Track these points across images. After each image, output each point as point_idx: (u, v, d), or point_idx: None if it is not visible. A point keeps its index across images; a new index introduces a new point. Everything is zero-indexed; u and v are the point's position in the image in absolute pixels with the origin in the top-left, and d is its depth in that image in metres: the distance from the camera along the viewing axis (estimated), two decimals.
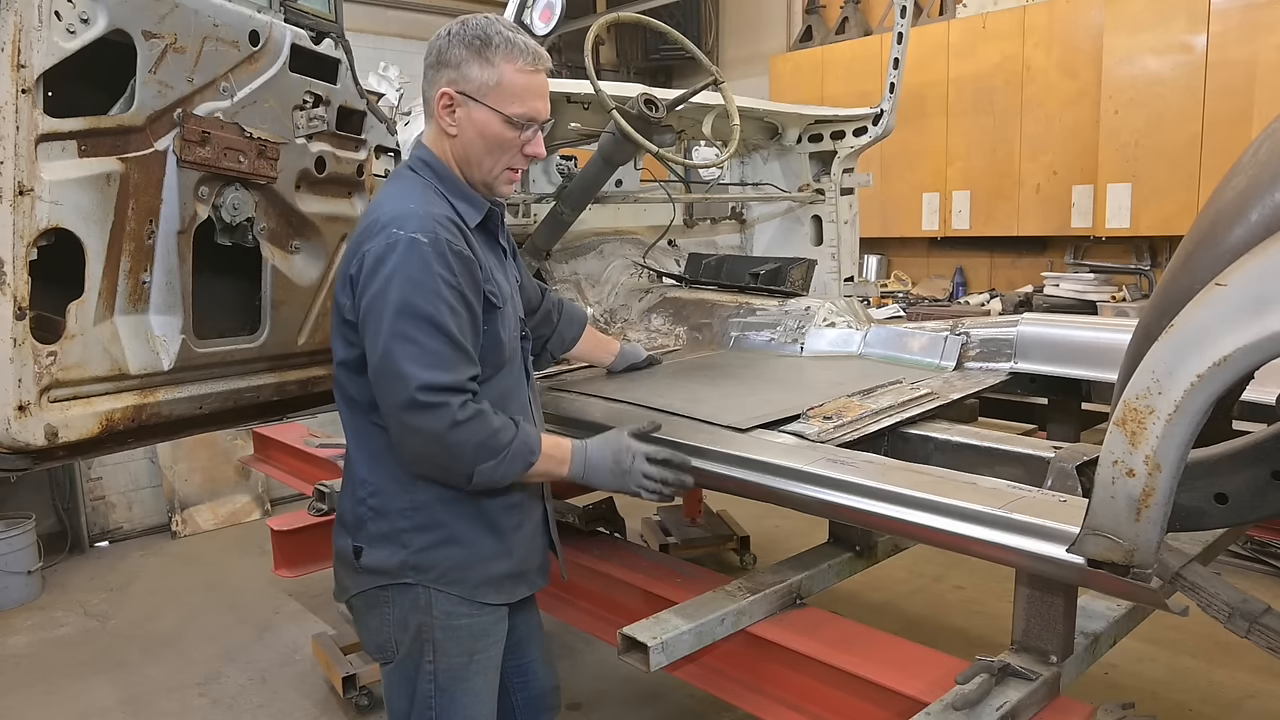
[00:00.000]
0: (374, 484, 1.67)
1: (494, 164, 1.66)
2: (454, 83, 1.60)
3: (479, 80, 1.59)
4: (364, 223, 1.63)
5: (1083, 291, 5.40)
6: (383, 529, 1.67)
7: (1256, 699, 3.16)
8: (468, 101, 1.60)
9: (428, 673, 1.70)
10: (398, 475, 1.65)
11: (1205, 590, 1.43)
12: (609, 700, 3.30)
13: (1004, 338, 2.48)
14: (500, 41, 1.59)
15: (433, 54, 1.63)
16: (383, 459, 1.66)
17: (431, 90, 1.63)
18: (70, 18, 1.56)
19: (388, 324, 1.50)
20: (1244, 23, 4.58)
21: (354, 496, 1.71)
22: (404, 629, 1.69)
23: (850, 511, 1.72)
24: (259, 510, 5.44)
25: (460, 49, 1.59)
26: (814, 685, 1.81)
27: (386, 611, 1.69)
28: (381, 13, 7.32)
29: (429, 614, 1.67)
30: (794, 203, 3.78)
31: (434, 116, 1.65)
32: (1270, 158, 1.21)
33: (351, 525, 1.72)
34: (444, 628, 1.69)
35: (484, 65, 1.59)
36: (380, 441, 1.65)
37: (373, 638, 1.75)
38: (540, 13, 2.26)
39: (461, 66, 1.59)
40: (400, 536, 1.66)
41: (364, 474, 1.69)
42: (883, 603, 3.94)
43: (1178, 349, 1.16)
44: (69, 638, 3.99)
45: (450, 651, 1.70)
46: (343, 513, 1.76)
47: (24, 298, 1.58)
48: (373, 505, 1.67)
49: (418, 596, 1.68)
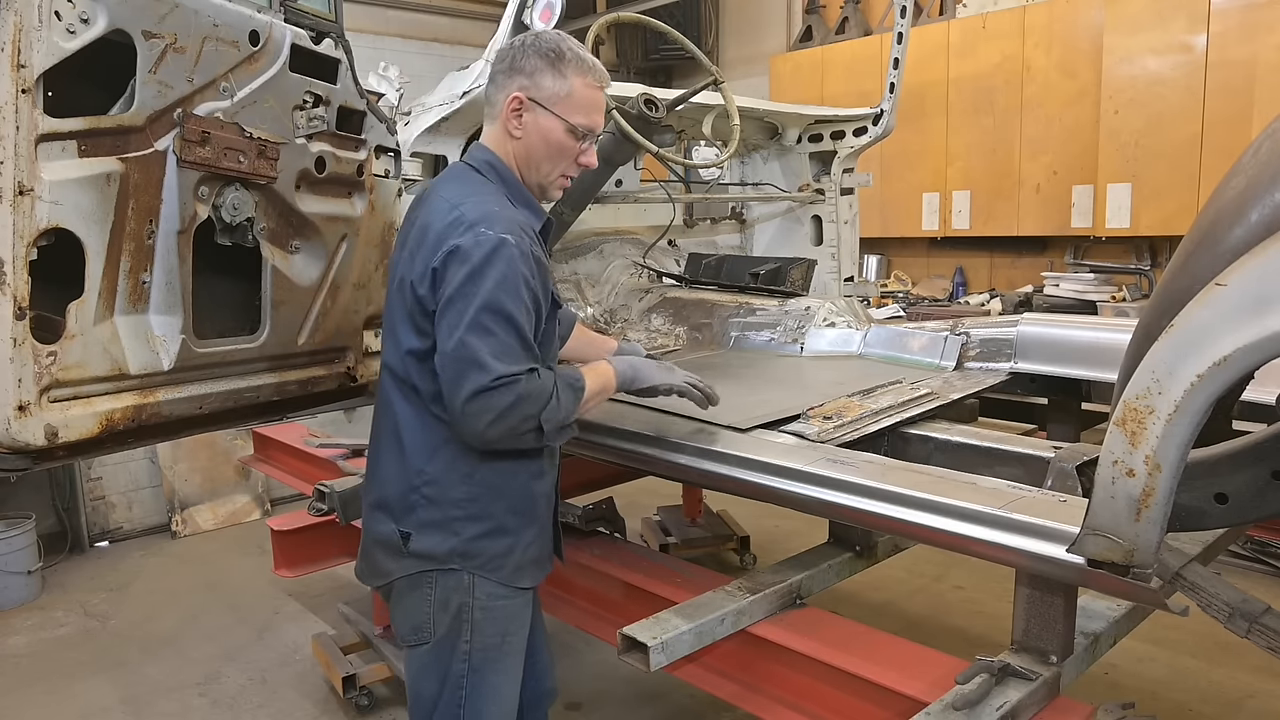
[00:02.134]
0: (431, 474, 1.70)
1: (551, 169, 1.76)
2: (525, 89, 1.69)
3: (550, 90, 1.69)
4: (444, 218, 1.64)
5: (1083, 291, 5.40)
6: (435, 517, 1.70)
7: (1256, 699, 3.16)
8: (536, 108, 1.70)
9: (463, 653, 1.74)
10: (457, 467, 1.70)
11: (1205, 590, 1.43)
12: (609, 700, 3.30)
13: (1004, 338, 2.49)
14: (573, 57, 1.70)
15: (505, 61, 1.71)
16: (442, 450, 1.69)
17: (500, 94, 1.72)
18: (70, 18, 1.56)
19: (471, 317, 1.56)
20: (1244, 23, 4.58)
21: (405, 484, 1.72)
22: (445, 610, 1.73)
23: (850, 511, 1.72)
24: (259, 510, 5.43)
25: (535, 59, 1.69)
26: (814, 685, 1.81)
27: (429, 592, 1.73)
28: (381, 13, 7.32)
29: (470, 595, 1.72)
30: (794, 203, 3.78)
31: (499, 119, 1.73)
32: (1270, 158, 1.21)
33: (399, 511, 1.73)
34: (483, 608, 1.73)
35: (557, 76, 1.69)
36: (441, 434, 1.69)
37: (409, 619, 1.77)
38: (540, 13, 2.26)
39: (535, 75, 1.69)
40: (453, 525, 1.70)
41: (420, 464, 1.71)
42: (883, 603, 3.94)
43: (1178, 349, 1.16)
44: (69, 638, 3.99)
45: (487, 632, 1.74)
46: (384, 499, 1.76)
47: (24, 298, 1.58)
48: (427, 494, 1.70)
49: (461, 578, 1.72)
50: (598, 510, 2.76)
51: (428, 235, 1.65)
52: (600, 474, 3.19)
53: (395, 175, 2.42)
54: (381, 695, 3.35)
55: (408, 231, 1.75)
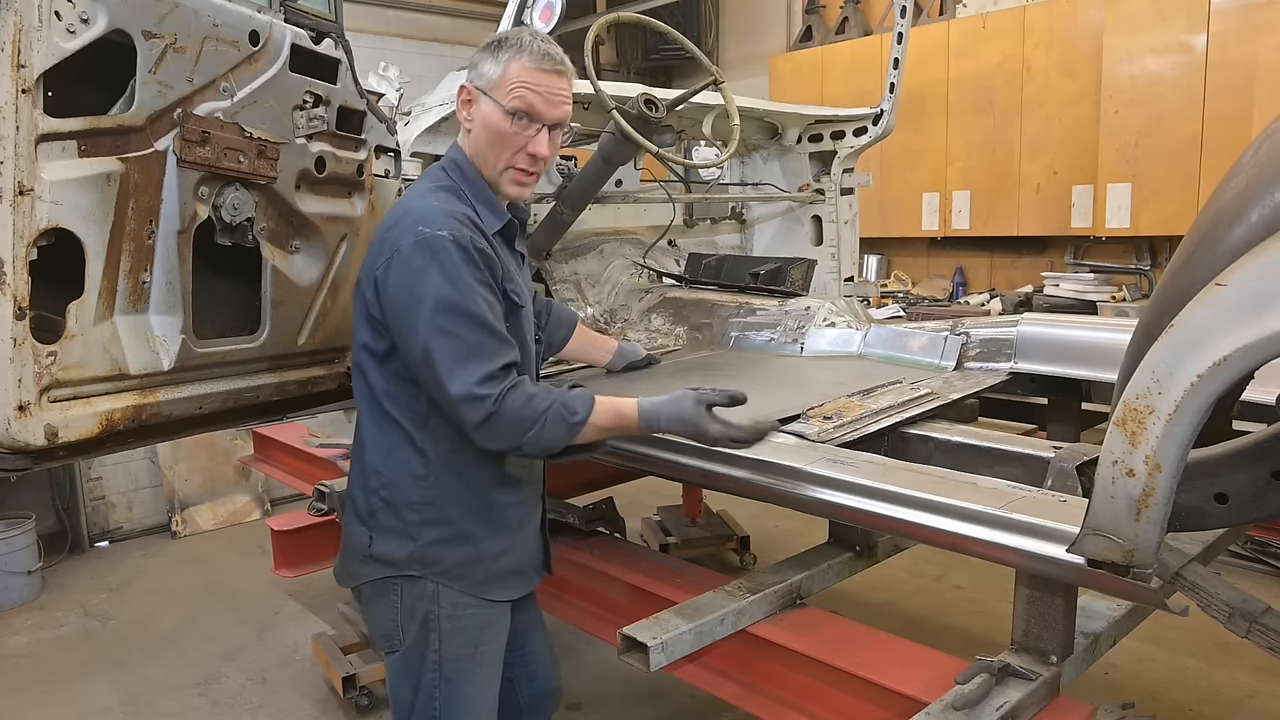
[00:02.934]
0: (386, 475, 1.69)
1: (497, 159, 1.71)
2: (471, 80, 1.71)
3: (488, 75, 1.68)
4: (389, 219, 1.66)
5: (1083, 291, 5.40)
6: (392, 521, 1.69)
7: (1256, 699, 3.16)
8: (479, 96, 1.70)
9: (433, 662, 1.71)
10: (411, 469, 1.68)
11: (1205, 590, 1.43)
12: (609, 700, 3.30)
13: (1004, 338, 2.48)
14: (513, 42, 1.68)
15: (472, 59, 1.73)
16: (397, 451, 1.68)
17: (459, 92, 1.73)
18: (70, 18, 1.56)
19: (426, 319, 1.54)
20: (1244, 23, 4.58)
21: (366, 486, 1.72)
22: (411, 618, 1.71)
23: (850, 511, 1.72)
24: (259, 510, 5.43)
25: (482, 52, 1.71)
26: (814, 685, 1.81)
27: (394, 600, 1.71)
28: (381, 13, 7.32)
29: (435, 604, 1.70)
30: (794, 203, 3.78)
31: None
32: (1270, 158, 1.21)
33: (364, 514, 1.73)
34: (450, 618, 1.71)
35: (494, 61, 1.68)
36: (395, 434, 1.67)
37: (379, 625, 1.77)
38: (540, 13, 2.26)
39: (478, 65, 1.70)
40: (409, 530, 1.68)
41: (377, 464, 1.70)
42: (883, 603, 3.94)
43: (1178, 349, 1.15)
44: (69, 638, 3.99)
45: (456, 642, 1.72)
46: (354, 500, 1.77)
47: (24, 298, 1.58)
48: (384, 497, 1.69)
49: (425, 587, 1.70)
50: (598, 510, 2.76)
51: (379, 235, 1.67)
52: (600, 474, 3.19)
53: (395, 175, 2.42)
54: (381, 695, 3.35)
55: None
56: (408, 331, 1.57)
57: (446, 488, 1.68)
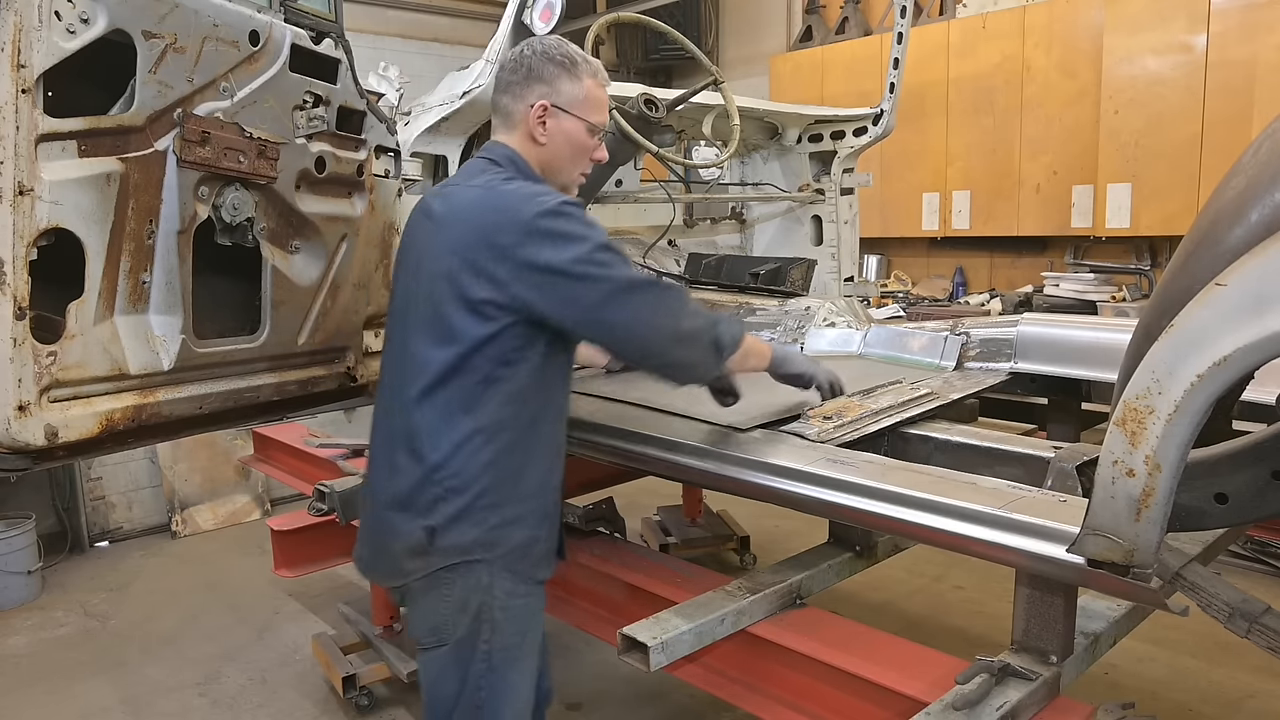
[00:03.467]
0: (453, 465, 1.70)
1: (574, 169, 1.85)
2: (547, 95, 1.76)
3: (570, 94, 1.78)
4: (491, 201, 1.68)
5: (1083, 291, 5.40)
6: (459, 508, 1.70)
7: (1256, 699, 3.16)
8: (559, 113, 1.77)
9: (483, 653, 1.74)
10: (480, 457, 1.70)
11: (1205, 590, 1.43)
12: (609, 700, 3.30)
13: (1004, 338, 2.48)
14: (582, 60, 1.80)
15: (520, 70, 1.78)
16: (466, 442, 1.69)
17: (520, 102, 1.78)
18: (70, 18, 1.56)
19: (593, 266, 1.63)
20: (1244, 23, 4.58)
21: (427, 479, 1.71)
22: (464, 610, 1.72)
23: (850, 511, 1.72)
24: (259, 510, 5.43)
25: (552, 66, 1.76)
26: (814, 685, 1.81)
27: (447, 593, 1.72)
28: (381, 13, 7.32)
29: (490, 594, 1.72)
30: (794, 203, 3.78)
31: (521, 125, 1.79)
32: (1270, 158, 1.21)
33: (421, 508, 1.72)
34: (503, 608, 1.74)
35: (574, 80, 1.78)
36: (465, 425, 1.69)
37: (426, 620, 1.76)
38: (540, 13, 2.26)
39: (554, 82, 1.76)
40: (474, 515, 1.71)
41: (440, 456, 1.70)
42: (883, 603, 3.94)
43: (1178, 349, 1.16)
44: (69, 638, 3.99)
45: (507, 632, 1.75)
46: (402, 497, 1.75)
47: (24, 298, 1.58)
48: (450, 486, 1.70)
49: (480, 577, 1.72)
50: (598, 510, 2.76)
51: (480, 220, 1.66)
52: (600, 474, 3.19)
53: (395, 175, 2.42)
54: (381, 695, 3.35)
55: (429, 228, 1.74)
56: (572, 286, 1.63)
57: (509, 474, 1.72)
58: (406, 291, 1.78)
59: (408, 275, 1.78)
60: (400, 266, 1.84)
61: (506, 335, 1.65)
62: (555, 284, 1.62)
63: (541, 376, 1.72)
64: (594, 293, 1.64)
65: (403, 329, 1.76)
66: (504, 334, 1.65)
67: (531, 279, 1.61)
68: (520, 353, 1.67)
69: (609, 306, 1.65)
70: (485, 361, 1.67)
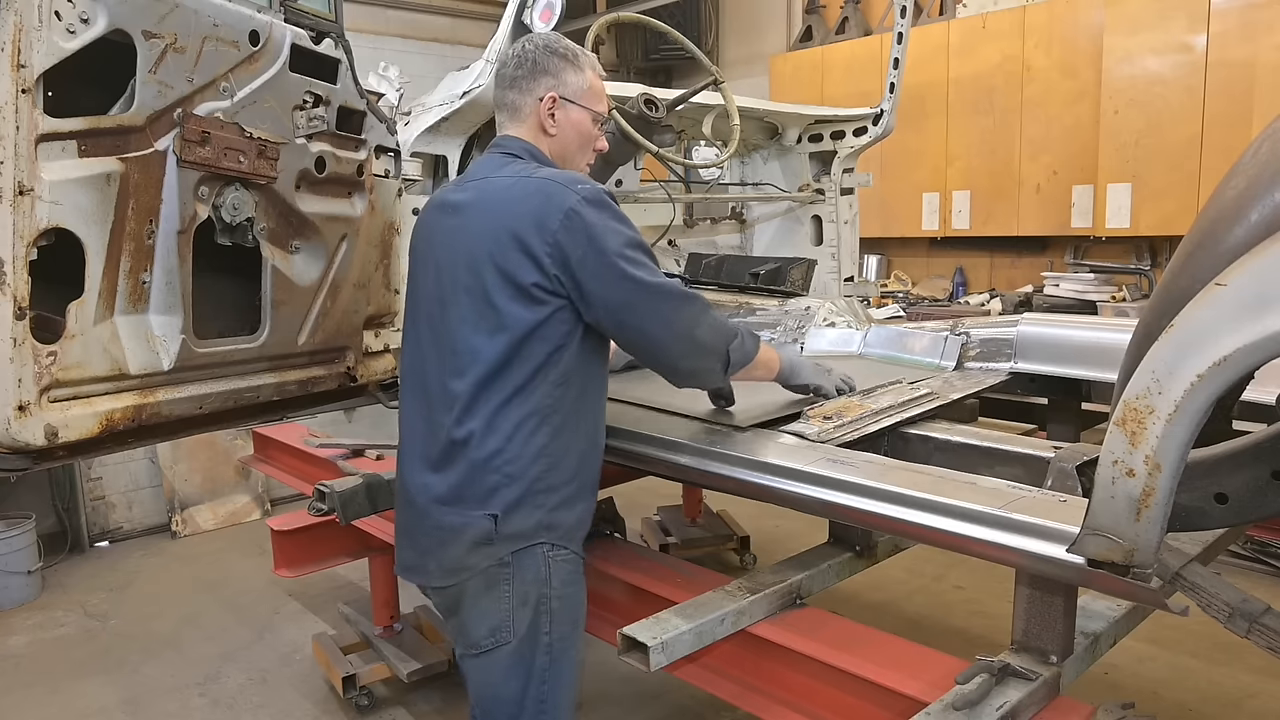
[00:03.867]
0: (509, 452, 1.72)
1: (581, 159, 1.91)
2: (554, 88, 1.81)
3: (575, 84, 1.83)
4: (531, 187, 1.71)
5: (1083, 291, 5.40)
6: (518, 494, 1.72)
7: (1256, 699, 3.16)
8: (566, 104, 1.82)
9: (545, 646, 1.77)
10: (536, 441, 1.72)
11: (1205, 590, 1.43)
12: (609, 700, 3.30)
13: (1004, 338, 2.48)
14: (583, 52, 1.87)
15: (524, 65, 1.81)
16: (521, 427, 1.71)
17: (528, 96, 1.82)
18: (70, 18, 1.56)
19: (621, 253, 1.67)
20: (1244, 23, 4.58)
21: (481, 469, 1.72)
22: (524, 604, 1.74)
23: (850, 511, 1.72)
24: (259, 510, 5.43)
25: (555, 59, 1.81)
26: (814, 685, 1.81)
27: (505, 590, 1.73)
28: (381, 13, 7.32)
29: (548, 585, 1.75)
30: (794, 203, 3.78)
31: (531, 117, 1.83)
32: (1270, 158, 1.21)
33: (479, 498, 1.72)
34: (559, 597, 1.77)
35: (578, 71, 1.83)
36: (519, 410, 1.71)
37: (485, 621, 1.75)
38: (540, 13, 2.26)
39: (560, 74, 1.81)
40: (534, 499, 1.73)
41: (496, 445, 1.71)
42: (883, 603, 3.94)
43: (1178, 349, 1.15)
44: (69, 638, 3.99)
45: (563, 620, 1.78)
46: (453, 491, 1.74)
47: (24, 298, 1.58)
48: (508, 473, 1.71)
49: (538, 568, 1.74)
50: (598, 510, 2.75)
51: (523, 206, 1.69)
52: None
53: (395, 175, 2.42)
54: (381, 695, 3.35)
55: (455, 223, 1.77)
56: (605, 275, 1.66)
57: (562, 454, 1.76)
58: (435, 288, 1.79)
59: (433, 272, 1.80)
60: (420, 266, 1.86)
61: (556, 319, 1.69)
62: (589, 267, 1.66)
63: (585, 355, 1.76)
64: (620, 289, 1.68)
65: (437, 325, 1.77)
66: (554, 318, 1.69)
67: (571, 262, 1.65)
68: (568, 335, 1.71)
69: (631, 307, 1.70)
70: (538, 345, 1.69)
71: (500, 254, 1.67)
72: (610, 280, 1.67)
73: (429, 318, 1.80)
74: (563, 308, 1.69)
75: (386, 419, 3.38)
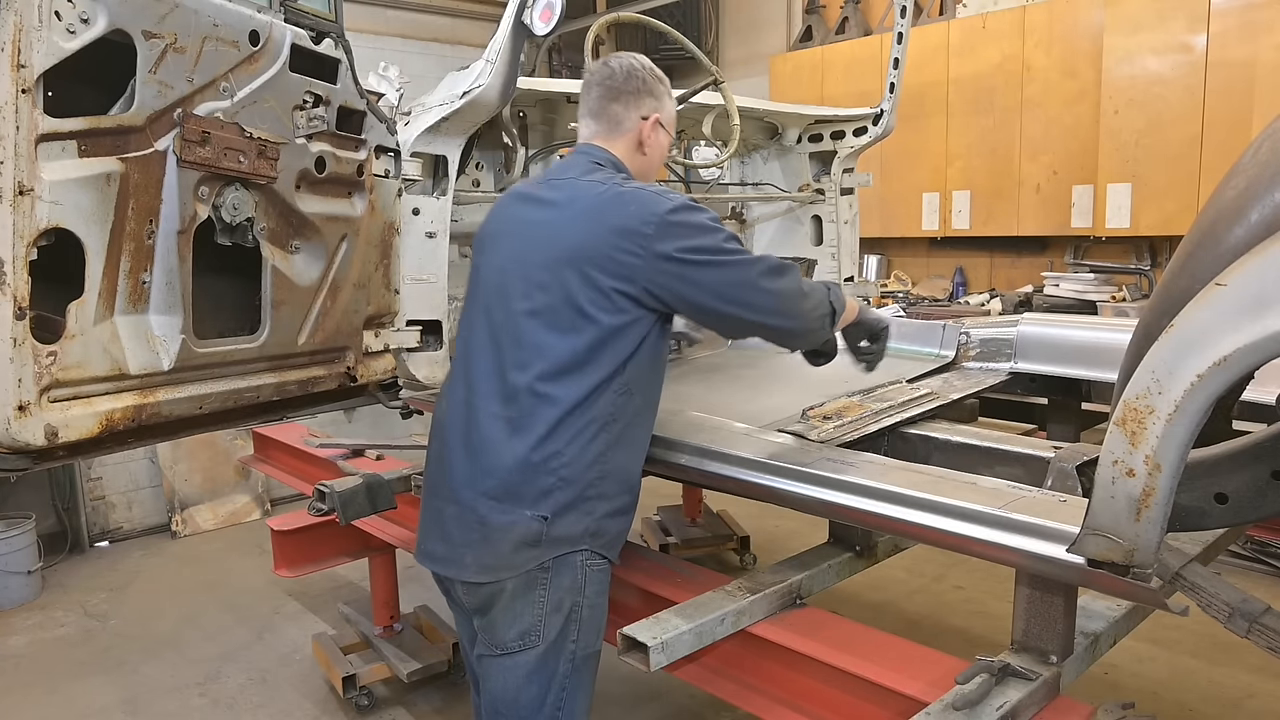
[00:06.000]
0: (568, 455, 1.73)
1: (654, 178, 2.04)
2: (656, 110, 1.92)
3: (669, 112, 1.97)
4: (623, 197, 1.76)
5: (1083, 291, 5.39)
6: (570, 497, 1.74)
7: (1256, 699, 3.16)
8: (659, 128, 1.93)
9: (569, 653, 1.79)
10: (594, 447, 1.74)
11: (1205, 590, 1.43)
12: (609, 700, 3.30)
13: (1004, 338, 2.49)
14: (665, 79, 1.97)
15: (635, 80, 1.90)
16: (583, 433, 1.73)
17: (633, 111, 1.90)
18: (70, 18, 1.56)
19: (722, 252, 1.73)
20: (1244, 23, 4.58)
21: (538, 468, 1.72)
22: (557, 610, 1.76)
23: (850, 511, 1.72)
24: (259, 510, 5.44)
25: (660, 83, 1.93)
26: (814, 685, 1.81)
27: (542, 594, 1.75)
28: (381, 13, 7.32)
29: (582, 594, 1.78)
30: (794, 203, 3.78)
31: (631, 134, 1.91)
32: (1270, 158, 1.21)
33: (531, 498, 1.73)
34: (590, 607, 1.80)
35: (671, 100, 1.98)
36: (581, 417, 1.73)
37: (518, 622, 1.76)
38: (540, 13, 2.26)
39: (662, 99, 1.94)
40: (584, 505, 1.75)
41: (557, 446, 1.72)
42: (883, 603, 3.94)
43: (1178, 349, 1.15)
44: (69, 638, 3.99)
45: (589, 629, 1.81)
46: (504, 487, 1.74)
47: (24, 298, 1.58)
48: (564, 475, 1.73)
49: (575, 575, 1.76)
50: None
51: (615, 215, 1.73)
52: None
53: (395, 175, 2.42)
54: (381, 695, 3.35)
55: (542, 216, 1.81)
56: (717, 269, 1.71)
57: (617, 465, 1.78)
58: (498, 277, 1.82)
59: (501, 260, 1.84)
60: (486, 253, 1.90)
61: (632, 328, 1.73)
62: (696, 269, 1.70)
63: (649, 368, 1.80)
64: (737, 272, 1.73)
65: (496, 314, 1.80)
66: (630, 327, 1.73)
67: (670, 268, 1.69)
68: (639, 346, 1.75)
69: (750, 285, 1.75)
70: (609, 353, 1.72)
71: (590, 256, 1.71)
72: (722, 271, 1.72)
73: (487, 309, 1.83)
74: (640, 319, 1.73)
75: (387, 419, 3.39)
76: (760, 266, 1.77)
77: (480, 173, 2.98)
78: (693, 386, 2.31)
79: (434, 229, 2.52)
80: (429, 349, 2.59)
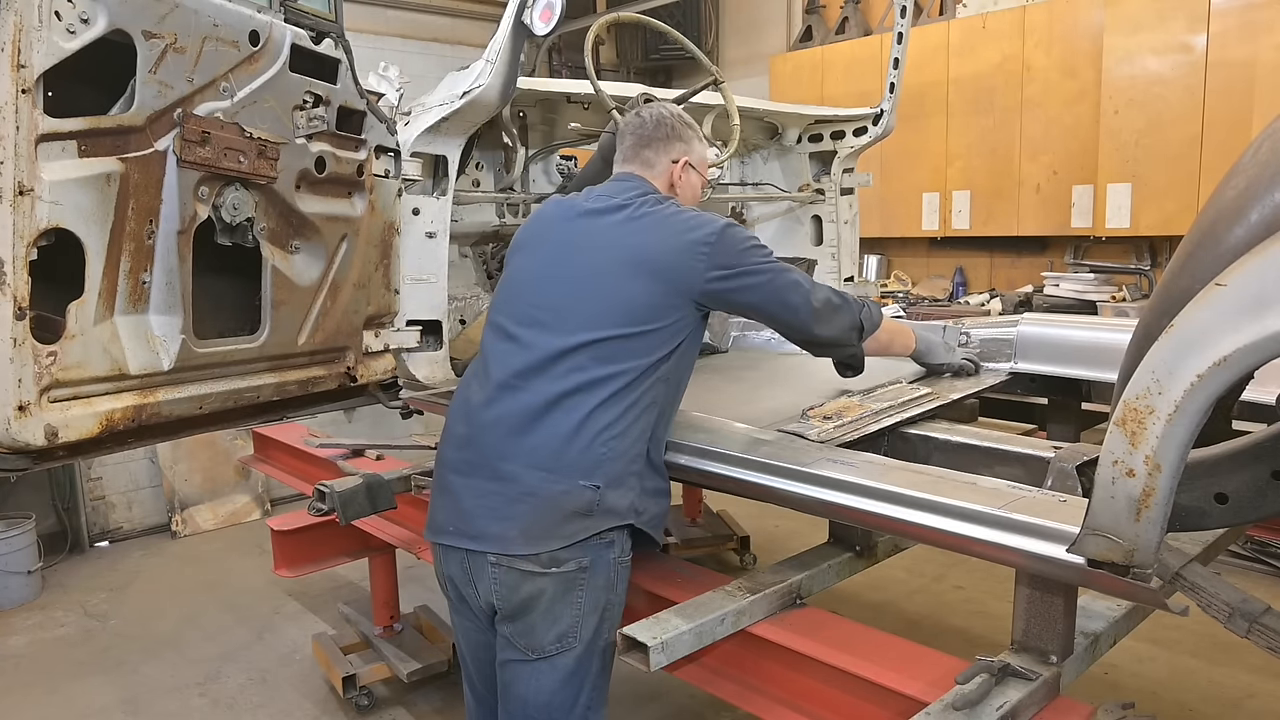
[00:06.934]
0: (617, 430, 1.81)
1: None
2: (685, 153, 2.06)
3: (699, 154, 2.11)
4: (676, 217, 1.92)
5: (1083, 291, 5.39)
6: (619, 471, 1.82)
7: (1256, 699, 3.16)
8: (689, 169, 2.08)
9: (599, 650, 1.86)
10: (633, 427, 1.84)
11: (1205, 590, 1.43)
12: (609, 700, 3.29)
13: (1004, 338, 2.49)
14: (695, 125, 2.11)
15: (664, 127, 2.05)
16: (628, 413, 1.83)
17: (663, 155, 2.05)
18: (70, 18, 1.56)
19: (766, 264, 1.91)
20: (1244, 23, 4.58)
21: (594, 438, 1.79)
22: (594, 610, 1.82)
23: (850, 511, 1.72)
24: (259, 510, 5.44)
25: (688, 129, 2.08)
26: (814, 685, 1.81)
27: (580, 595, 1.80)
28: (381, 13, 7.32)
29: (614, 591, 1.87)
30: (794, 203, 3.78)
31: (663, 175, 2.05)
32: (1270, 158, 1.21)
33: (586, 468, 1.78)
34: (619, 604, 1.90)
35: (701, 144, 2.12)
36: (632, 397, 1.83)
37: (557, 624, 1.80)
38: (540, 13, 2.26)
39: (691, 143, 2.08)
40: (629, 480, 1.84)
41: (608, 419, 1.81)
42: (883, 603, 3.94)
43: (1178, 349, 1.15)
44: (69, 638, 3.99)
45: (614, 625, 1.88)
46: (566, 460, 1.78)
47: (24, 298, 1.58)
48: (613, 448, 1.80)
49: (608, 574, 1.83)
50: None
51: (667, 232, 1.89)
52: None
53: (395, 175, 2.42)
54: (381, 695, 3.35)
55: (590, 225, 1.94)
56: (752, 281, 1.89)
57: (652, 447, 1.89)
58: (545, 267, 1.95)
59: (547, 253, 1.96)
60: (528, 253, 2.02)
61: (680, 325, 1.86)
62: (742, 279, 1.87)
63: (685, 364, 1.93)
64: (778, 281, 1.90)
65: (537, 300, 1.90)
66: (679, 324, 1.86)
67: (727, 276, 1.86)
68: (683, 341, 1.88)
69: (789, 290, 1.91)
70: (659, 344, 1.85)
71: (651, 260, 1.85)
72: (766, 280, 1.89)
73: (530, 299, 1.92)
74: (686, 318, 1.87)
75: (387, 419, 3.38)
76: (798, 276, 1.95)
77: (480, 173, 2.98)
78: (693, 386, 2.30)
79: (434, 229, 2.52)
80: (429, 349, 2.59)
